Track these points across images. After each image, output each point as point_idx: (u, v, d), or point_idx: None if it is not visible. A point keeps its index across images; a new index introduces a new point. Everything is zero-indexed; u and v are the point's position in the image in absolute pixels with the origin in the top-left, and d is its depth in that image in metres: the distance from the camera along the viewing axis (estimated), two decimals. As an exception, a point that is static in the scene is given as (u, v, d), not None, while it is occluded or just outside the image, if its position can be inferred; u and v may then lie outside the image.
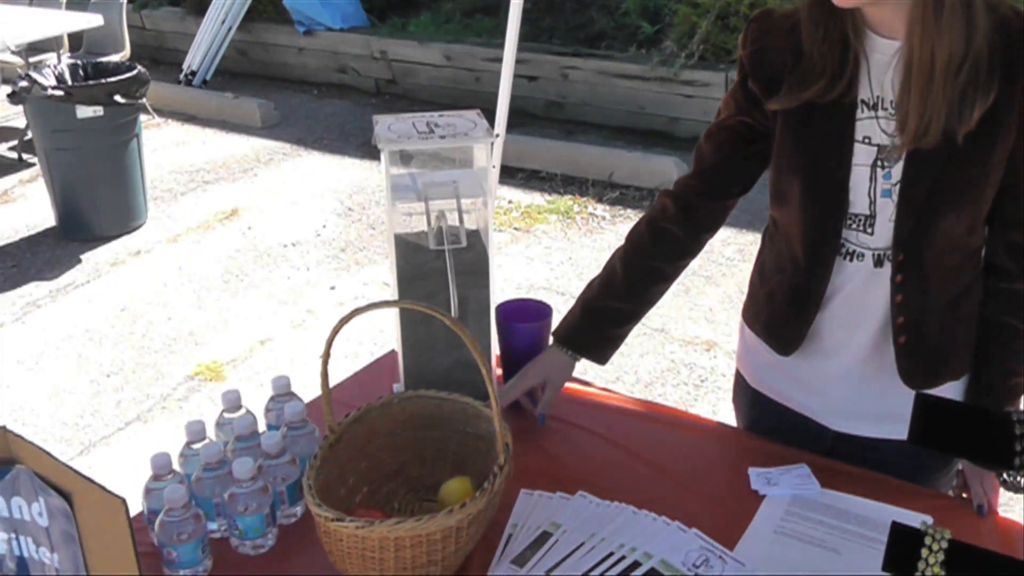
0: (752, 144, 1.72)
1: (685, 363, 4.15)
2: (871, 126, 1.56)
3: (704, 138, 1.81)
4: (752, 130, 1.71)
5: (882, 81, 1.54)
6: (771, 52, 1.63)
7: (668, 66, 6.51)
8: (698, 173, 1.82)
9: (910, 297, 1.61)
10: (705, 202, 1.83)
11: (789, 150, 1.64)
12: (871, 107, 1.55)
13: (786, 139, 1.64)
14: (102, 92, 5.30)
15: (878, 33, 1.52)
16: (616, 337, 1.90)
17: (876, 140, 1.55)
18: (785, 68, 1.59)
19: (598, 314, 1.87)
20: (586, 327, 1.88)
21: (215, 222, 5.79)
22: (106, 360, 4.38)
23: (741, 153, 1.75)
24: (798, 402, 1.81)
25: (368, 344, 4.36)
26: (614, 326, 1.89)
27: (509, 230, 5.48)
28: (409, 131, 1.72)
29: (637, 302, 1.88)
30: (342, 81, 8.34)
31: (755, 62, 1.66)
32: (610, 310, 1.87)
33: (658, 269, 1.86)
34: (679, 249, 1.86)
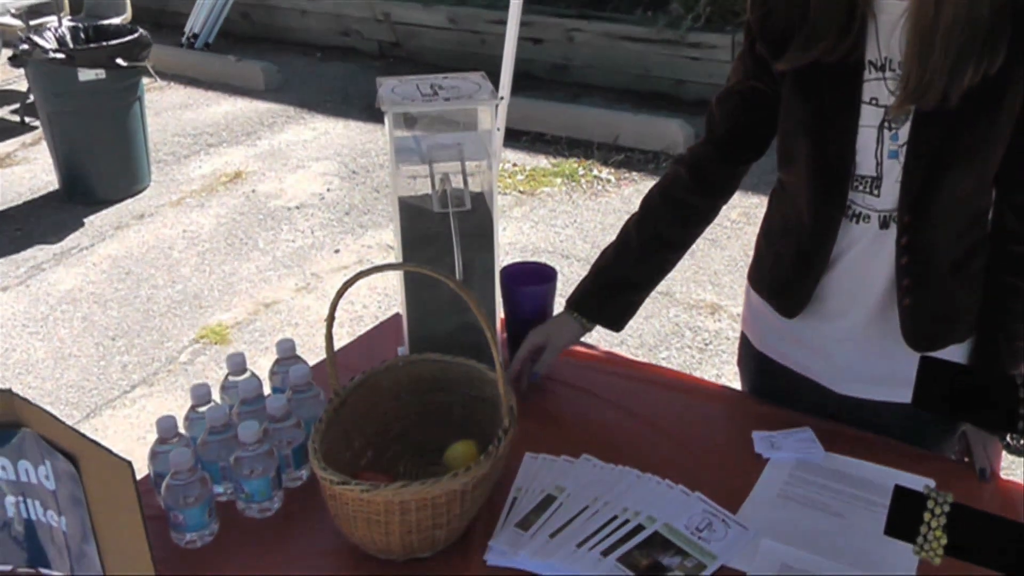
0: (763, 108, 1.70)
1: (690, 327, 4.15)
2: (878, 87, 1.55)
3: (715, 103, 1.80)
4: (762, 94, 1.69)
5: (889, 42, 1.52)
6: (779, 14, 1.62)
7: (674, 28, 6.47)
8: (710, 140, 1.81)
9: (915, 259, 1.61)
10: (718, 168, 1.82)
11: (796, 111, 1.63)
12: (878, 68, 1.54)
13: (793, 100, 1.63)
14: (104, 55, 5.28)
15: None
16: (630, 304, 1.89)
17: (883, 101, 1.54)
18: (793, 29, 1.58)
19: (612, 282, 1.87)
20: (599, 294, 1.87)
21: (219, 185, 5.78)
22: (111, 323, 4.39)
23: (752, 118, 1.74)
24: (803, 365, 1.81)
25: (372, 308, 4.36)
26: (628, 293, 1.88)
27: (514, 193, 5.47)
28: (413, 93, 1.71)
29: (651, 270, 1.88)
30: (345, 44, 8.29)
31: (763, 24, 1.65)
32: (624, 278, 1.87)
33: (672, 238, 1.86)
34: (693, 217, 1.85)
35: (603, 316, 1.88)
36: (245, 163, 6.08)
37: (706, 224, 1.88)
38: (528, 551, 1.46)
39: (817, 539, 1.49)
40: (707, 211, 1.86)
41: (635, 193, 5.37)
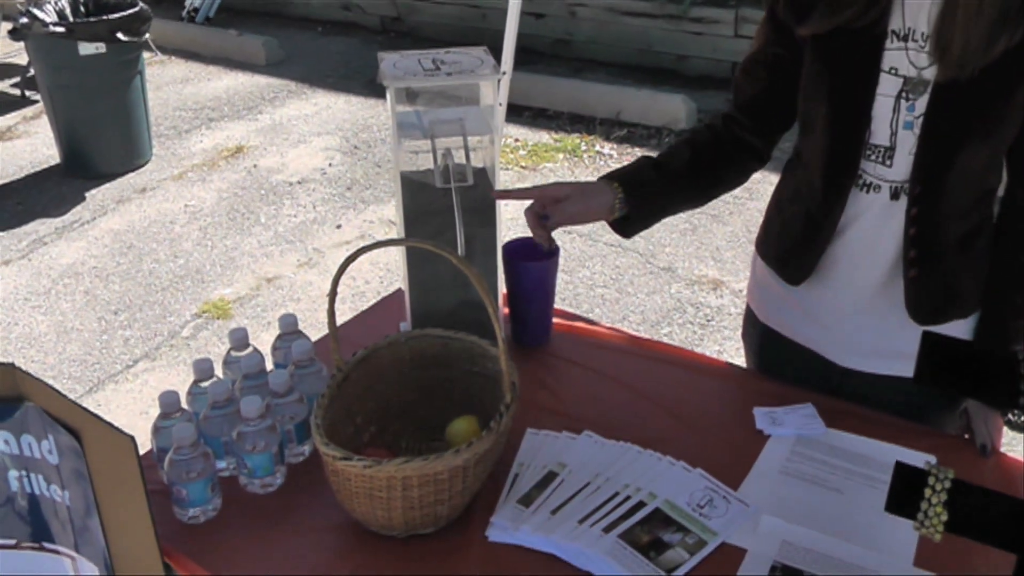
0: (786, 75, 1.69)
1: (691, 302, 4.15)
2: (899, 57, 1.54)
3: (740, 73, 1.79)
4: (785, 60, 1.68)
5: (916, 13, 1.52)
6: None
7: (677, 3, 6.44)
8: (738, 107, 1.80)
9: (924, 231, 1.61)
10: (752, 136, 1.80)
11: (816, 76, 1.63)
12: (901, 38, 1.54)
13: (814, 65, 1.63)
14: (104, 29, 5.26)
15: None
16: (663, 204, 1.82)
17: (903, 72, 1.54)
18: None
19: (655, 168, 1.80)
20: (642, 175, 1.80)
21: (220, 160, 5.77)
22: (113, 297, 4.40)
23: (776, 86, 1.72)
24: (806, 336, 1.81)
25: (375, 283, 4.36)
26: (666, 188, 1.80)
27: (516, 168, 5.45)
28: (415, 68, 1.70)
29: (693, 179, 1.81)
30: (347, 18, 8.26)
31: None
32: (668, 168, 1.80)
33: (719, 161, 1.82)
34: (733, 161, 1.82)
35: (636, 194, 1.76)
36: (246, 138, 6.06)
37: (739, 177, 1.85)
38: (529, 527, 1.46)
39: (818, 515, 1.49)
40: (742, 164, 1.83)
41: (637, 169, 5.36)
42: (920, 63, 1.53)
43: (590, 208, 1.76)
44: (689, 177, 1.81)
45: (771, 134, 1.81)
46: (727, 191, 1.88)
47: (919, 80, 1.53)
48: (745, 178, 1.86)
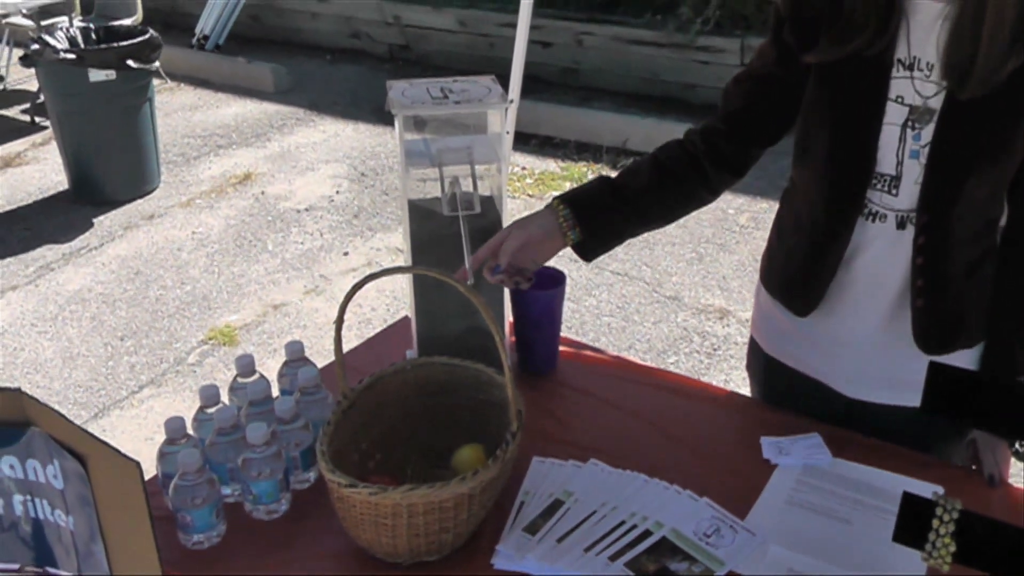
0: (779, 96, 1.69)
1: (698, 331, 4.15)
2: (905, 85, 1.55)
3: (732, 82, 1.79)
4: (781, 82, 1.68)
5: (921, 42, 1.52)
6: (808, 3, 1.62)
7: (684, 33, 6.46)
8: (723, 116, 1.79)
9: (931, 260, 1.61)
10: (729, 144, 1.78)
11: (820, 104, 1.63)
12: (907, 67, 1.54)
13: (818, 93, 1.63)
14: (114, 56, 5.30)
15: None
16: (616, 225, 1.77)
17: (909, 100, 1.55)
18: (822, 20, 1.58)
19: (611, 187, 1.77)
20: (595, 193, 1.77)
21: (228, 187, 5.78)
22: (120, 323, 4.40)
23: (766, 103, 1.72)
24: (812, 367, 1.81)
25: (381, 310, 4.36)
26: (622, 209, 1.76)
27: (523, 197, 5.46)
28: (423, 96, 1.71)
29: (653, 199, 1.78)
30: (355, 46, 8.30)
31: (792, 14, 1.65)
32: (625, 189, 1.77)
33: (682, 179, 1.78)
34: (702, 177, 1.79)
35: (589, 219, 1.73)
36: (255, 165, 6.09)
37: (709, 194, 1.81)
38: (535, 555, 1.46)
39: (825, 545, 1.48)
40: (714, 180, 1.79)
41: (644, 197, 5.37)
42: (926, 92, 1.53)
43: (532, 237, 1.70)
44: (651, 196, 1.77)
45: (750, 148, 1.78)
46: (698, 207, 1.83)
47: (925, 109, 1.53)
48: (718, 193, 1.82)
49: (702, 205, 1.84)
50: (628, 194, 1.76)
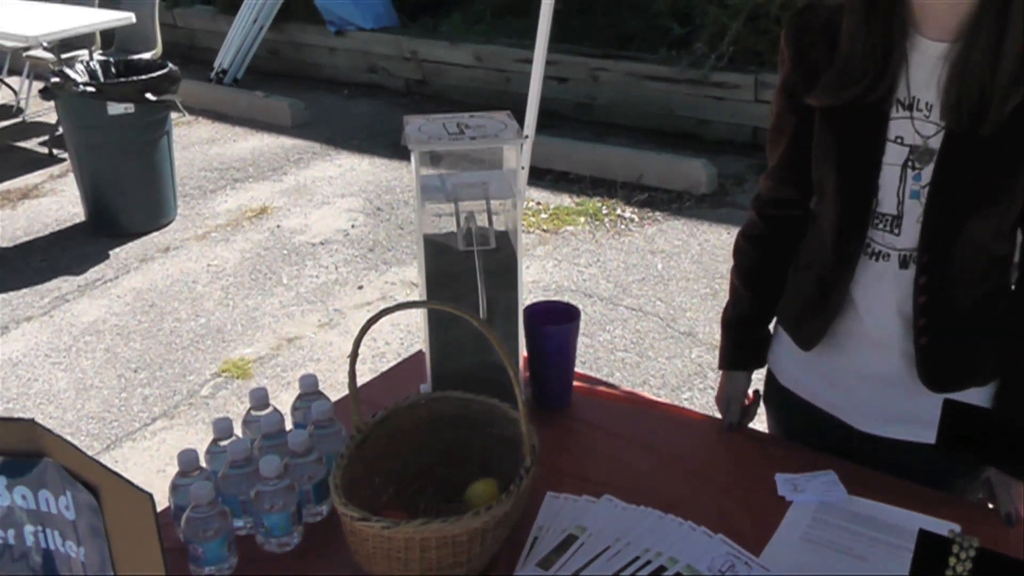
0: (805, 140, 1.70)
1: (712, 367, 4.13)
2: (905, 126, 1.55)
3: (769, 139, 1.81)
4: (803, 123, 1.69)
5: (921, 82, 1.53)
6: (811, 47, 1.63)
7: (698, 68, 6.49)
8: (768, 174, 1.83)
9: (933, 299, 1.61)
10: (780, 207, 1.83)
11: (824, 145, 1.64)
12: (906, 107, 1.55)
13: (822, 134, 1.64)
14: (133, 89, 5.34)
15: (923, 34, 1.52)
16: (761, 339, 1.95)
17: (909, 141, 1.55)
18: (825, 62, 1.59)
19: (739, 326, 1.94)
20: (735, 343, 1.97)
21: (244, 220, 5.81)
22: (134, 355, 4.41)
23: (800, 148, 1.72)
24: (825, 400, 1.81)
25: (395, 344, 4.36)
26: (758, 330, 1.95)
27: (537, 232, 5.47)
28: (439, 132, 1.72)
29: (765, 303, 1.91)
30: (372, 81, 8.36)
31: (795, 58, 1.66)
32: (748, 319, 1.93)
33: (769, 269, 1.88)
34: (781, 251, 1.86)
35: (749, 360, 1.97)
36: (271, 198, 6.12)
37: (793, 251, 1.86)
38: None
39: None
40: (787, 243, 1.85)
41: (658, 232, 5.37)
42: (926, 132, 1.54)
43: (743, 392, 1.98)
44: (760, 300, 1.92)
45: (808, 196, 1.79)
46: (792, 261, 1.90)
47: (925, 149, 1.54)
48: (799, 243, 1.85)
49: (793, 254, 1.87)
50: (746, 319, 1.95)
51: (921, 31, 1.52)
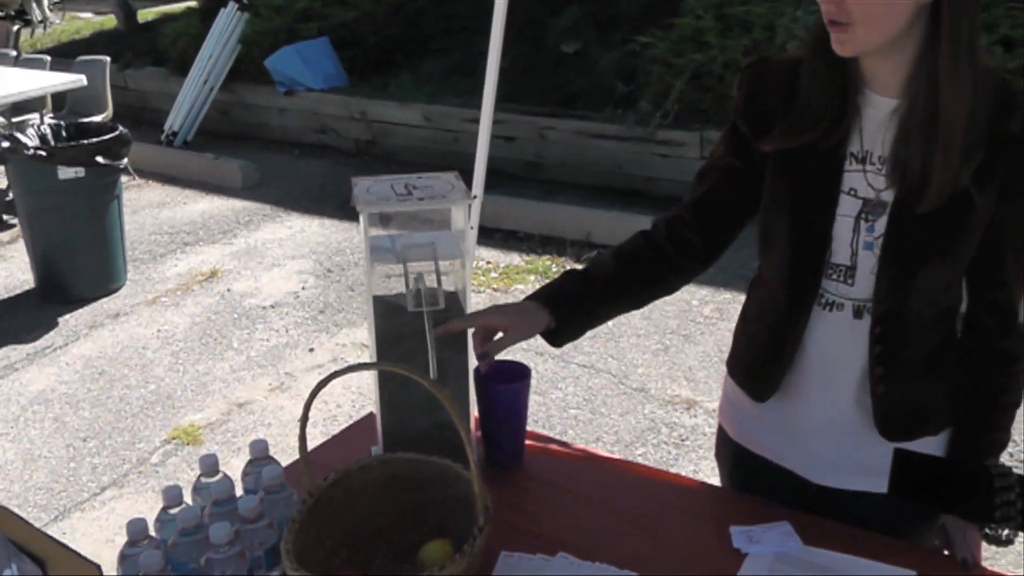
0: (740, 186, 1.73)
1: (665, 422, 4.15)
2: (858, 179, 1.59)
3: (696, 176, 1.83)
4: (740, 172, 1.72)
5: (873, 136, 1.57)
6: (765, 95, 1.67)
7: (644, 126, 6.57)
8: (688, 207, 1.83)
9: (888, 349, 1.63)
10: (692, 234, 1.81)
11: (777, 194, 1.67)
12: (859, 160, 1.58)
13: (775, 183, 1.67)
14: (84, 153, 5.31)
15: (873, 90, 1.56)
16: (591, 312, 1.84)
17: (862, 193, 1.58)
18: (777, 112, 1.63)
19: (579, 280, 1.84)
20: (564, 286, 1.84)
21: (194, 284, 5.77)
22: (83, 424, 4.35)
23: (729, 193, 1.76)
24: (779, 454, 1.81)
25: (347, 407, 4.34)
26: (590, 299, 1.83)
27: (488, 291, 5.49)
28: (387, 193, 1.73)
29: (619, 286, 1.84)
30: (322, 141, 8.39)
31: (747, 104, 1.70)
32: (591, 280, 1.83)
33: (646, 265, 1.84)
34: (668, 262, 1.83)
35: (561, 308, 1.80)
36: (221, 261, 6.09)
37: (677, 278, 1.86)
38: (504, 653, 1.44)
39: (796, 637, 1.47)
40: (680, 264, 1.84)
41: (609, 289, 5.40)
42: (878, 185, 1.57)
43: (527, 334, 1.81)
44: (618, 281, 1.83)
45: (715, 236, 1.81)
46: (665, 292, 1.88)
47: (878, 202, 1.57)
48: (684, 278, 1.86)
49: (669, 290, 1.87)
50: (595, 281, 1.82)
51: (871, 87, 1.57)
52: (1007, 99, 1.52)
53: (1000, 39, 5.50)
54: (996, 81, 1.54)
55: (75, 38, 12.28)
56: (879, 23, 1.47)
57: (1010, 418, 1.71)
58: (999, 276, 1.63)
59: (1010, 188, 1.54)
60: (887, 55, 1.52)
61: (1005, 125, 1.51)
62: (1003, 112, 1.51)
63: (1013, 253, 1.61)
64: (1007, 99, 1.52)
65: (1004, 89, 1.53)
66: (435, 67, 8.49)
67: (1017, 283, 1.64)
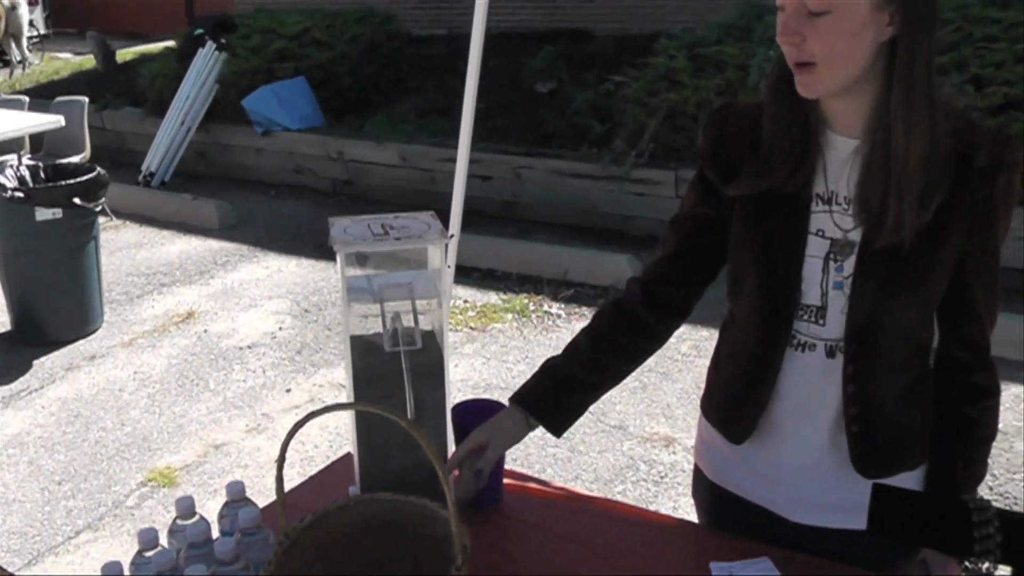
0: (712, 233, 1.74)
1: (644, 460, 4.14)
2: (825, 219, 1.60)
3: (668, 226, 1.84)
4: (711, 220, 1.74)
5: (837, 177, 1.58)
6: (730, 141, 1.68)
7: (619, 165, 6.61)
8: (662, 259, 1.84)
9: (862, 388, 1.64)
10: (670, 288, 1.83)
11: (745, 239, 1.68)
12: (825, 201, 1.60)
13: (742, 227, 1.68)
14: (62, 194, 5.29)
15: (835, 131, 1.58)
16: (574, 407, 1.86)
17: (829, 234, 1.60)
18: (743, 157, 1.64)
19: (558, 379, 1.84)
20: (545, 389, 1.84)
21: (171, 325, 5.75)
22: (58, 467, 4.31)
23: (702, 242, 1.77)
24: (757, 494, 1.81)
25: (324, 447, 4.32)
26: (574, 394, 1.85)
27: (465, 330, 5.49)
28: (364, 233, 1.73)
29: (600, 374, 1.85)
30: (299, 182, 8.40)
31: (713, 150, 1.71)
32: (571, 377, 1.84)
33: (623, 345, 1.85)
34: (645, 332, 1.85)
35: (547, 414, 1.83)
36: (198, 302, 6.07)
37: (656, 342, 1.87)
38: None
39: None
40: (658, 329, 1.85)
41: (587, 327, 5.41)
42: (845, 225, 1.59)
43: (511, 442, 1.83)
44: (595, 371, 1.84)
45: (690, 287, 1.83)
46: (649, 355, 1.89)
47: (846, 242, 1.59)
48: (667, 337, 1.87)
49: (647, 357, 1.88)
50: (572, 376, 1.84)
51: (833, 128, 1.59)
52: (971, 135, 1.54)
53: (971, 78, 5.56)
54: (959, 117, 1.56)
55: (54, 78, 12.29)
56: (841, 63, 1.49)
57: (986, 451, 1.72)
58: (969, 310, 1.64)
59: (977, 223, 1.56)
60: (847, 96, 1.54)
61: (970, 160, 1.53)
62: (967, 148, 1.53)
63: (982, 287, 1.63)
64: (971, 135, 1.54)
65: (967, 125, 1.56)
66: (411, 107, 8.54)
67: (987, 317, 1.65)
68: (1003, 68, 5.55)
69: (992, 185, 1.54)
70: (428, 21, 10.54)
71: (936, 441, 1.71)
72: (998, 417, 1.72)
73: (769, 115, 1.62)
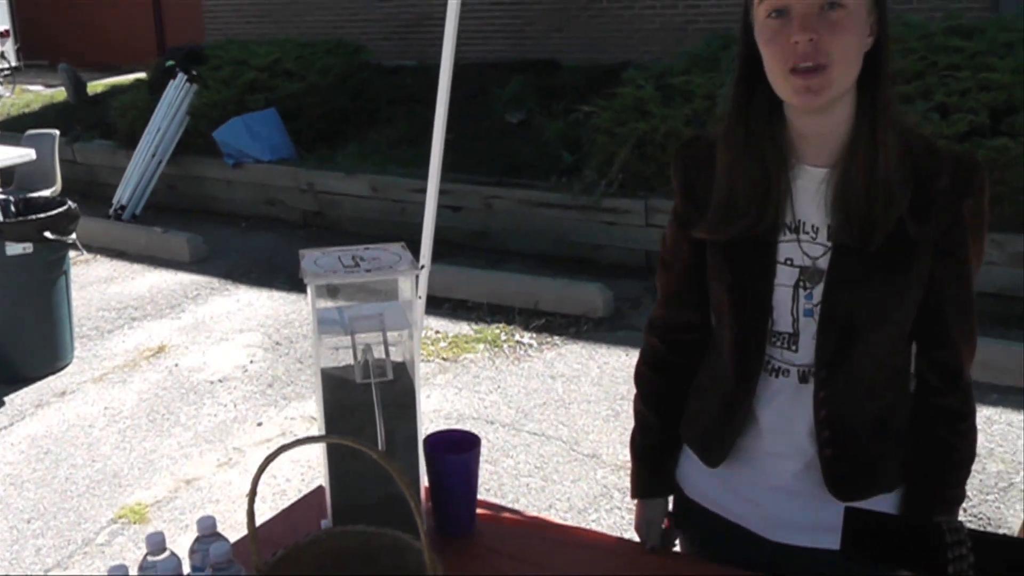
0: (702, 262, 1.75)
1: (618, 488, 4.14)
2: (793, 248, 1.62)
3: (659, 268, 1.86)
4: (697, 251, 1.75)
5: (805, 207, 1.60)
6: (698, 178, 1.70)
7: (589, 194, 6.64)
8: (663, 302, 1.87)
9: (834, 412, 1.65)
10: (688, 330, 1.86)
11: (717, 270, 1.70)
12: (793, 230, 1.62)
13: (713, 259, 1.70)
14: (32, 228, 5.25)
15: (805, 162, 1.60)
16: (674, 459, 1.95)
17: (798, 262, 1.62)
18: (709, 195, 1.66)
19: (654, 454, 1.94)
20: (651, 472, 1.96)
21: (141, 360, 5.72)
22: (27, 505, 4.26)
23: (697, 273, 1.78)
24: (735, 513, 1.82)
25: (296, 481, 4.30)
26: (673, 452, 1.93)
27: (437, 360, 5.48)
28: (335, 265, 1.74)
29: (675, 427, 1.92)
30: (270, 213, 8.39)
31: (685, 188, 1.74)
32: (661, 445, 1.93)
33: (678, 391, 1.90)
34: (687, 368, 1.88)
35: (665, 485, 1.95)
36: (169, 336, 6.04)
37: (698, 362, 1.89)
38: None
39: None
40: (694, 357, 1.88)
41: (557, 357, 5.42)
42: (814, 253, 1.60)
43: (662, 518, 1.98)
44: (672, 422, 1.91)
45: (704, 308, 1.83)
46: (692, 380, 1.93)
47: (814, 270, 1.60)
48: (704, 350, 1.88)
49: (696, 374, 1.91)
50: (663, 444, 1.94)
51: (801, 159, 1.60)
52: (932, 159, 1.57)
53: (936, 106, 5.63)
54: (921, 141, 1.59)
55: (25, 111, 12.24)
56: (853, 61, 1.51)
57: (963, 475, 1.74)
58: (942, 334, 1.66)
59: (945, 245, 1.58)
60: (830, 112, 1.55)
61: (932, 183, 1.55)
62: (928, 171, 1.56)
63: (954, 310, 1.64)
64: (932, 159, 1.57)
65: (929, 148, 1.58)
66: (381, 138, 8.56)
67: (960, 340, 1.66)
68: (967, 96, 5.62)
69: (958, 207, 1.56)
70: (398, 52, 10.58)
71: (912, 465, 1.73)
72: (975, 441, 1.73)
73: (725, 166, 1.63)
